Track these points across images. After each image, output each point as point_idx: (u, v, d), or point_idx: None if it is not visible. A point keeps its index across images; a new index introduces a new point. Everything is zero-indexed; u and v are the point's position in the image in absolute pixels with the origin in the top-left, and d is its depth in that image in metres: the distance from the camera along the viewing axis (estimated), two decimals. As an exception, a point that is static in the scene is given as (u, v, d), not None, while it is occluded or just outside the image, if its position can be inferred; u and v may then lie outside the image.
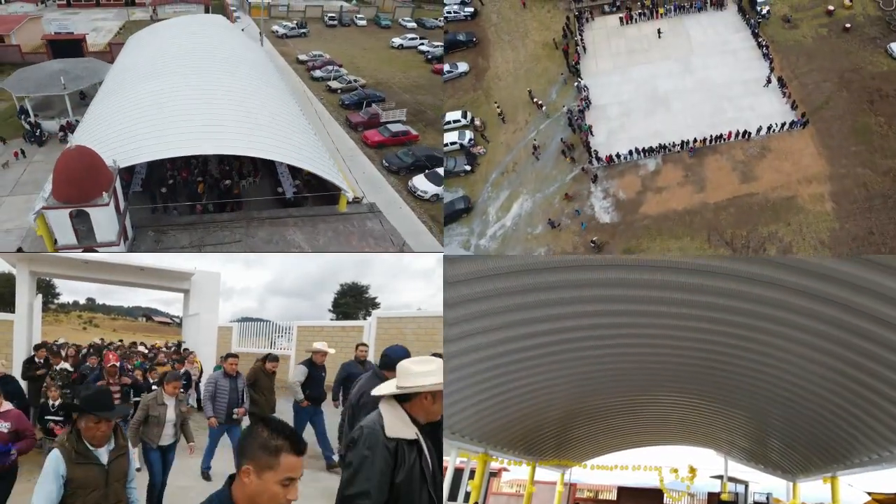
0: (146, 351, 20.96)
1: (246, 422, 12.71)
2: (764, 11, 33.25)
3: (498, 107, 29.07)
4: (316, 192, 15.28)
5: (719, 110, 28.47)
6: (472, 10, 35.08)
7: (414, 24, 35.19)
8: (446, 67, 22.44)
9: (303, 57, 26.86)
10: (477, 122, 27.52)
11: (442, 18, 30.53)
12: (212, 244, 12.99)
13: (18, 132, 18.46)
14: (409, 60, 28.64)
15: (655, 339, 12.85)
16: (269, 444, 3.43)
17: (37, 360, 12.78)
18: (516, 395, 14.49)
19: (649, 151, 26.40)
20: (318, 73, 25.76)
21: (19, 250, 15.83)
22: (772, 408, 15.75)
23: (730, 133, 26.87)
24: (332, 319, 41.66)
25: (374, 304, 52.08)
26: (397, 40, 33.08)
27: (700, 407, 19.34)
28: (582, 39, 32.46)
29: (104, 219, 12.17)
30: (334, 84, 23.84)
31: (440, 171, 18.90)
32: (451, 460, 17.48)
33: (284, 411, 13.03)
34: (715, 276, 10.46)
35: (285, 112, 15.74)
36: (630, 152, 26.36)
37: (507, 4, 36.40)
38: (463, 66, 27.44)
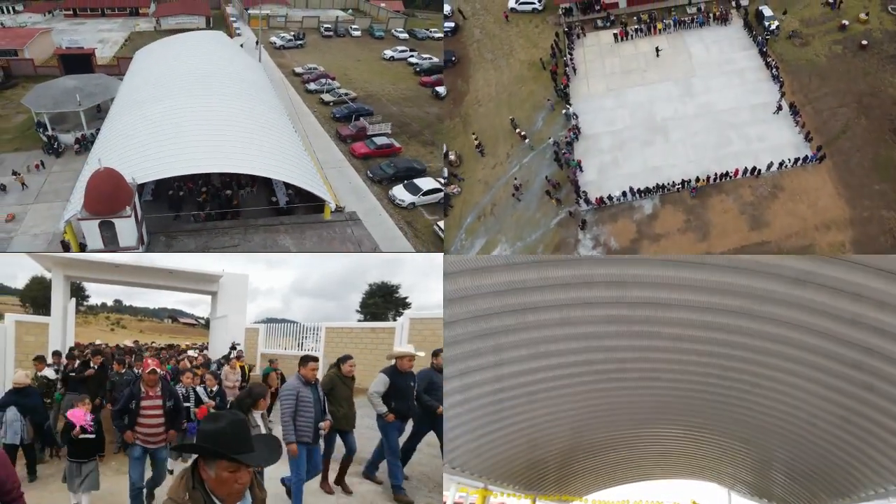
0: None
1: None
2: (772, 27, 30.20)
3: (476, 138, 26.01)
4: (305, 201, 16.29)
5: (724, 141, 25.41)
6: (452, 24, 31.99)
7: (406, 36, 35.84)
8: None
9: (298, 69, 27.63)
10: (452, 157, 24.50)
11: (434, 30, 30.99)
12: (215, 248, 14.62)
13: (37, 144, 19.58)
14: (399, 72, 28.99)
15: (656, 371, 12.97)
16: None
17: (93, 364, 13.73)
18: (518, 429, 14.65)
19: (646, 192, 23.31)
20: (312, 87, 26.44)
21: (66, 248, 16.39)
22: (775, 440, 15.72)
23: (736, 170, 23.83)
24: (359, 321, 39.86)
25: (404, 305, 48.92)
26: (389, 52, 32.99)
27: (702, 439, 18.87)
28: (572, 59, 29.39)
29: (126, 228, 13.97)
30: (327, 97, 24.53)
31: (418, 181, 20.40)
32: (450, 496, 17.20)
33: (369, 426, 11.38)
34: (716, 312, 10.65)
35: (278, 129, 17.33)
36: (623, 193, 23.28)
37: (492, 18, 33.37)
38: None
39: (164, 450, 10.86)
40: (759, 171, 23.90)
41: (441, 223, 19.60)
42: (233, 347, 19.06)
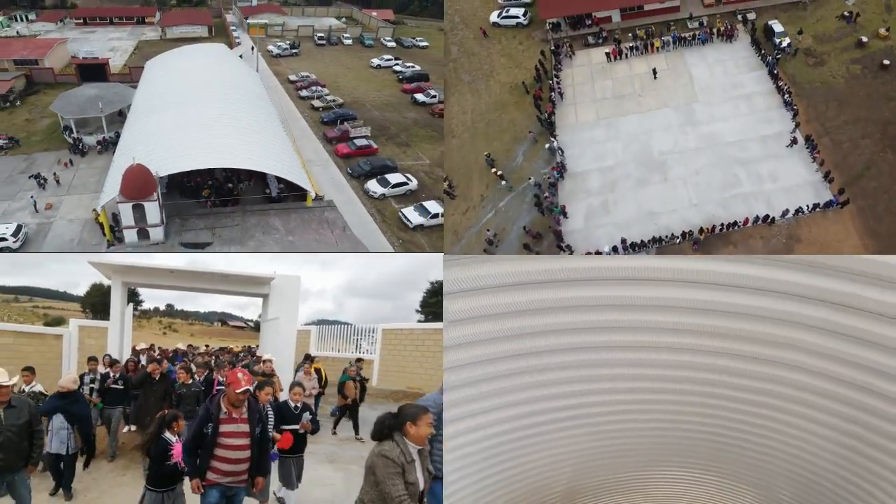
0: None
1: None
2: (783, 44, 26.97)
3: (446, 179, 22.71)
4: (293, 191, 19.40)
5: (731, 180, 22.17)
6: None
7: (394, 44, 37.12)
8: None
9: (293, 77, 29.68)
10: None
11: (419, 39, 34.00)
12: (219, 227, 18.15)
13: (63, 145, 21.85)
14: (384, 80, 30.51)
15: (660, 413, 13.04)
16: None
17: (152, 373, 13.56)
18: (518, 473, 14.52)
19: (640, 246, 20.01)
20: (304, 93, 28.66)
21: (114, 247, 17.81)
22: (781, 483, 15.40)
23: (746, 219, 20.56)
24: (419, 321, 38.91)
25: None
26: (376, 60, 34.26)
27: (706, 483, 18.47)
28: (558, 82, 26.10)
29: (152, 210, 17.18)
30: (316, 103, 26.76)
31: (389, 176, 22.55)
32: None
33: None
34: (718, 355, 11.22)
35: (271, 132, 20.70)
36: (614, 248, 19.97)
37: (471, 34, 30.12)
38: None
39: (244, 492, 8.53)
40: (773, 218, 20.62)
41: (410, 212, 21.67)
42: (307, 358, 18.41)
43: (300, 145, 22.49)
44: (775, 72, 25.92)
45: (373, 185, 22.01)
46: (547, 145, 22.83)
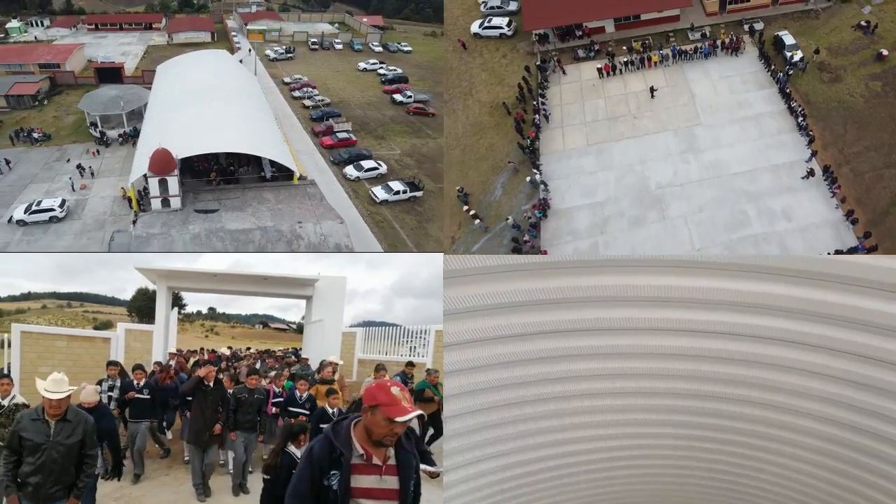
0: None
1: None
2: (795, 58, 24.18)
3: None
4: (283, 173, 21.75)
5: (739, 219, 19.37)
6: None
7: (381, 49, 39.60)
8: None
9: (287, 80, 32.32)
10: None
11: (404, 44, 37.55)
12: (224, 199, 20.46)
13: (88, 138, 24.50)
14: (368, 82, 32.68)
15: (662, 458, 13.11)
16: None
17: (206, 381, 11.85)
18: None
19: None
20: (296, 94, 31.38)
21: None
22: None
23: (758, 269, 17.63)
24: None
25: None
26: (362, 64, 36.52)
27: None
28: (544, 103, 23.28)
29: (173, 184, 19.66)
30: (307, 102, 29.81)
31: (363, 163, 24.70)
32: None
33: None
34: (720, 399, 11.66)
35: (267, 125, 23.59)
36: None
37: (450, 46, 27.30)
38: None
39: None
40: (788, 266, 17.74)
41: (378, 189, 23.39)
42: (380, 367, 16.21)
43: (291, 138, 25.30)
44: (787, 90, 23.15)
45: (349, 170, 24.77)
46: (528, 178, 19.98)
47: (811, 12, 26.62)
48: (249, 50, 34.60)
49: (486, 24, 27.40)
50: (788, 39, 24.97)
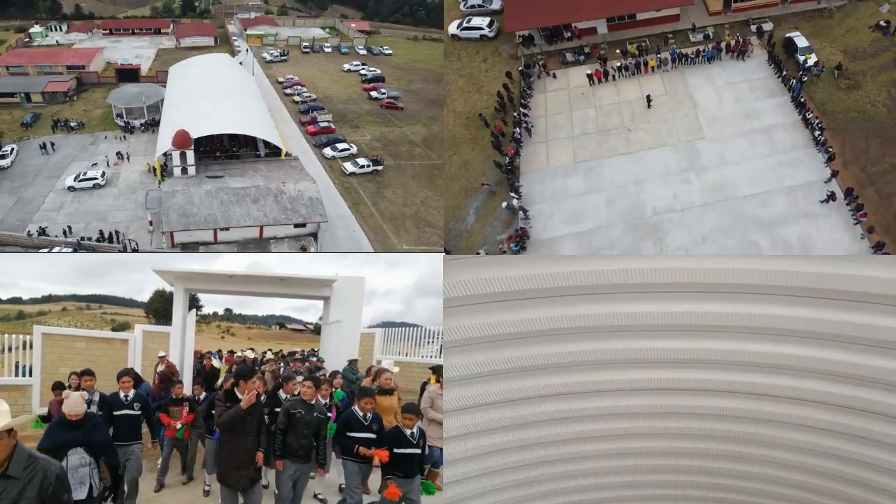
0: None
1: None
2: (809, 62, 21.56)
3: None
4: (273, 151, 24.92)
5: (749, 251, 16.67)
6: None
7: (365, 52, 43.24)
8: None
9: (281, 79, 36.23)
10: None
11: (385, 47, 41.83)
12: (229, 170, 23.50)
13: (115, 127, 28.32)
14: (350, 81, 36.14)
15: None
16: None
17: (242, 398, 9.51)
18: None
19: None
20: (288, 91, 35.12)
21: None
22: None
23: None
24: None
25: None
26: (347, 65, 39.90)
27: None
28: (526, 114, 20.57)
29: (190, 155, 22.95)
30: (297, 98, 33.38)
31: (338, 145, 27.91)
32: None
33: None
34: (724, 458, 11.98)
35: (261, 114, 27.19)
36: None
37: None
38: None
39: None
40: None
41: (347, 164, 26.60)
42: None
43: (281, 127, 28.91)
44: (801, 98, 20.46)
45: (327, 151, 28.03)
46: (505, 203, 17.25)
47: (824, 11, 24.03)
48: (247, 49, 39.52)
49: (464, 25, 24.74)
50: (801, 42, 22.35)
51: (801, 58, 21.76)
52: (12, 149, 24.55)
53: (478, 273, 9.79)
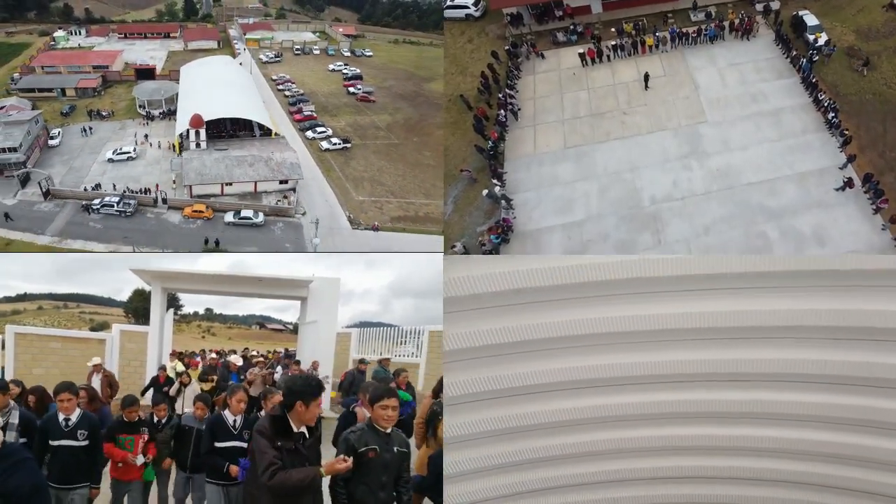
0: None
1: None
2: (819, 42, 19.95)
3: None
4: (265, 133, 28.17)
5: (757, 244, 15.08)
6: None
7: (349, 54, 47.76)
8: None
9: (274, 77, 40.20)
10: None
11: (367, 50, 46.79)
12: (230, 145, 26.65)
13: (139, 116, 31.88)
14: (334, 79, 40.05)
15: None
16: None
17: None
18: None
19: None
20: (280, 87, 38.94)
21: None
22: None
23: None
24: None
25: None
26: (331, 66, 44.08)
27: None
28: (512, 96, 18.90)
29: (202, 133, 26.16)
30: (287, 93, 37.35)
31: (318, 129, 31.24)
32: None
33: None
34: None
35: (257, 104, 31.16)
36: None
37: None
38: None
39: None
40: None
41: (323, 143, 29.78)
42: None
43: (273, 115, 31.36)
44: (812, 79, 18.81)
45: (308, 133, 31.01)
46: (486, 191, 15.55)
47: (835, -11, 22.36)
48: (245, 50, 45.15)
49: (449, 3, 23.06)
50: (811, 20, 20.78)
51: (811, 37, 20.17)
52: (59, 132, 29.06)
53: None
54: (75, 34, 48.25)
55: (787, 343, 9.58)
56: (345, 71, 44.03)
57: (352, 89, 39.44)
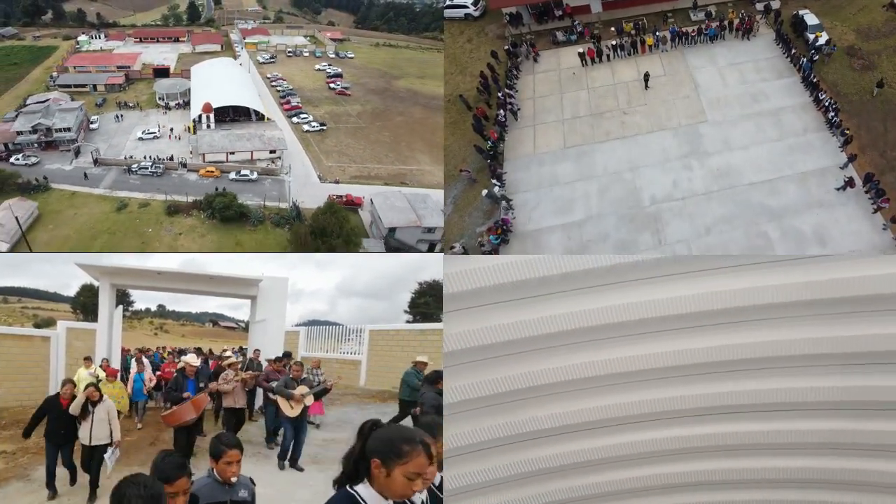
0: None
1: None
2: (819, 41, 19.89)
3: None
4: (259, 118, 32.69)
5: (759, 244, 15.00)
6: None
7: (334, 55, 51.57)
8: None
9: (269, 76, 44.37)
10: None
11: (350, 52, 50.61)
12: (233, 126, 31.14)
13: (159, 107, 36.02)
14: (319, 77, 44.45)
15: None
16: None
17: None
18: None
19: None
20: (273, 84, 42.76)
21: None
22: None
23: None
24: (408, 322, 43.94)
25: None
26: (318, 66, 48.54)
27: None
28: (511, 95, 18.84)
29: (212, 117, 30.82)
30: (279, 89, 41.60)
31: (301, 114, 35.73)
32: None
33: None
34: None
35: (254, 95, 35.47)
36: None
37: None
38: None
39: None
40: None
41: (305, 126, 34.14)
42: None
43: (266, 105, 35.15)
44: (813, 79, 18.75)
45: (294, 119, 35.10)
46: (485, 191, 15.49)
47: (835, -11, 22.31)
48: (244, 51, 50.52)
49: (448, 3, 23.01)
50: (811, 19, 20.74)
51: (812, 36, 20.12)
52: (97, 119, 34.21)
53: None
54: (96, 38, 53.97)
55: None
56: (328, 70, 48.78)
57: (332, 85, 44.67)
